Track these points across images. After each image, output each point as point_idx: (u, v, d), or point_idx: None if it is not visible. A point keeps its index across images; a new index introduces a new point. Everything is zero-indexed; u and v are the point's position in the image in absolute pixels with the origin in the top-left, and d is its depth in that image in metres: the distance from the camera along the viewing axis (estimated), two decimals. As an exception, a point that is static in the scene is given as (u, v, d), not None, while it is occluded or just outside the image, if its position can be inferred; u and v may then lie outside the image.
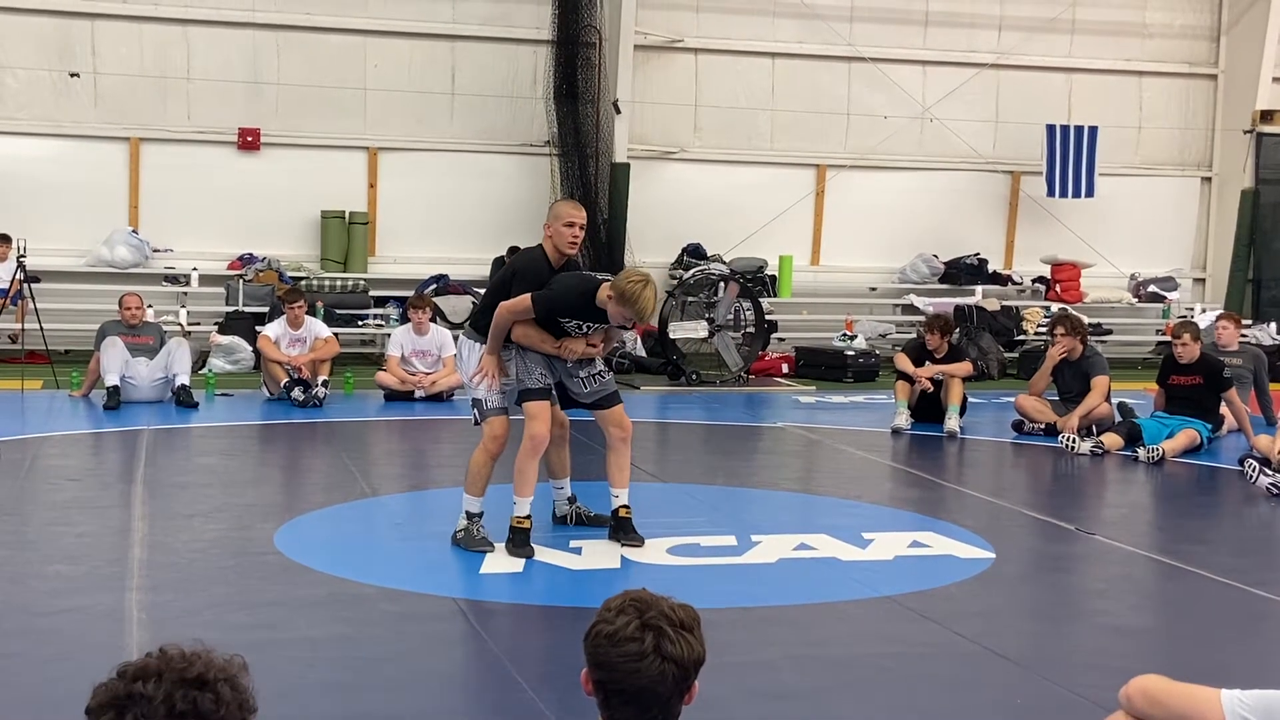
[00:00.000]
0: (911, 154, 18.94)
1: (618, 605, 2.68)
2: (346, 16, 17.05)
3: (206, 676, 2.20)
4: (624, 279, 6.75)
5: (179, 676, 2.18)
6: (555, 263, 7.15)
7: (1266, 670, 5.32)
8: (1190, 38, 19.77)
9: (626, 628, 2.62)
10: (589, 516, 7.59)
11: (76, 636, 5.45)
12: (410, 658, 5.31)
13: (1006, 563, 7.23)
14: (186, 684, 2.18)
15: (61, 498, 8.29)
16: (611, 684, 2.64)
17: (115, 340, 12.33)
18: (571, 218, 7.14)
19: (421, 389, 13.01)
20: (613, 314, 6.83)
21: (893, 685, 5.26)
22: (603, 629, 2.64)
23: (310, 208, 16.94)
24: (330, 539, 7.48)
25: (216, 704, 2.18)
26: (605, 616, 2.67)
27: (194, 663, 2.21)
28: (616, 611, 2.66)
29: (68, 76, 16.40)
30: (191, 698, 2.17)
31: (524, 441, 6.99)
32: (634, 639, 2.61)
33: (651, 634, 2.61)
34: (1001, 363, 17.07)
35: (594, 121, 17.19)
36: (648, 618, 2.63)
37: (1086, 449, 10.77)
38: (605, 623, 2.65)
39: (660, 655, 2.61)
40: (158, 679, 2.18)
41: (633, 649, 2.60)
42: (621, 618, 2.64)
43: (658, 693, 2.63)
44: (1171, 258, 19.98)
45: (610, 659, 2.62)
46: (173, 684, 2.17)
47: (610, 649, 2.62)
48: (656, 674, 2.61)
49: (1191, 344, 11.21)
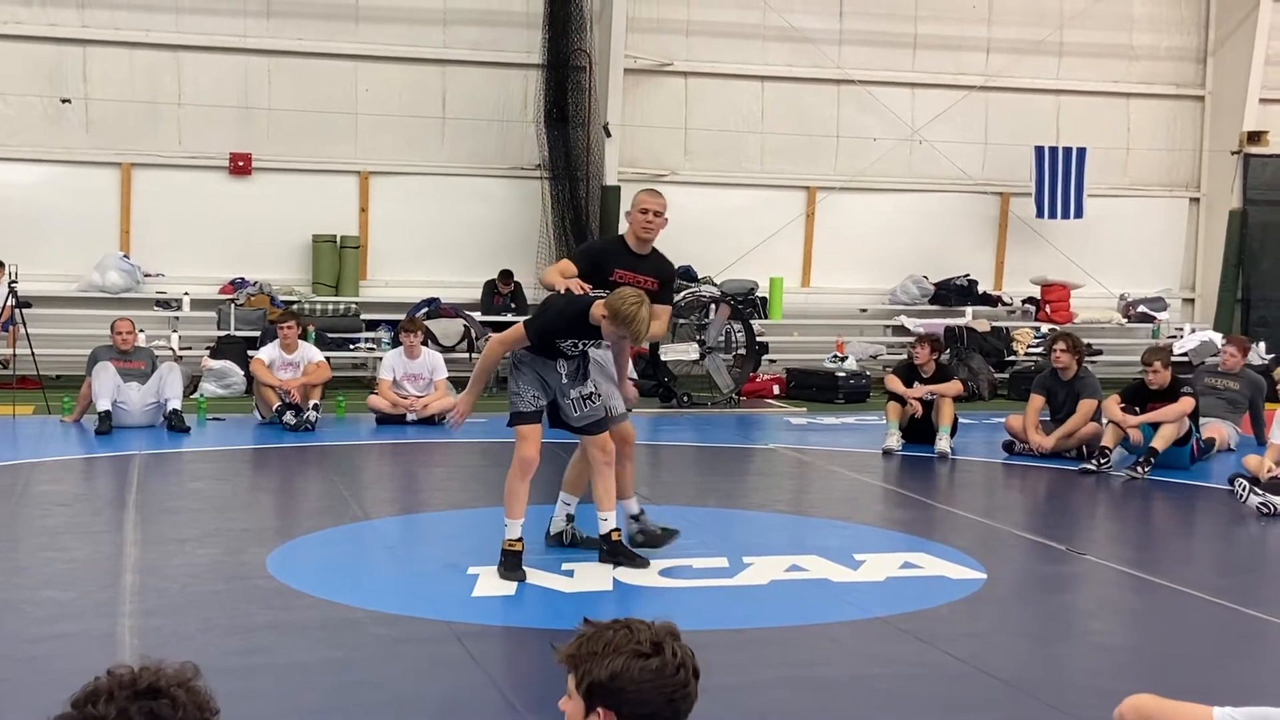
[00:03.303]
0: (901, 176, 19.01)
1: (649, 639, 2.57)
2: (337, 41, 17.10)
3: (158, 685, 2.19)
4: (618, 299, 6.73)
5: (130, 691, 2.17)
6: (636, 248, 7.32)
7: (1258, 689, 5.33)
8: (1177, 59, 19.89)
9: (673, 660, 2.54)
10: (582, 539, 7.59)
11: (69, 662, 5.44)
12: (403, 682, 5.31)
13: (998, 583, 7.24)
14: (139, 696, 2.17)
15: (53, 523, 8.27)
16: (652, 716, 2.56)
17: (107, 365, 12.32)
18: (645, 204, 7.32)
19: (413, 412, 13.01)
20: (606, 333, 6.84)
21: (885, 706, 5.26)
22: (644, 664, 2.53)
23: (302, 232, 16.96)
24: (323, 563, 7.47)
25: (174, 708, 2.17)
26: (639, 650, 2.54)
27: (143, 675, 2.20)
28: (651, 645, 2.55)
29: (59, 102, 16.41)
30: (147, 708, 2.16)
31: (514, 464, 6.98)
32: (679, 667, 2.55)
33: (676, 658, 2.58)
34: (992, 383, 17.10)
35: (584, 145, 17.24)
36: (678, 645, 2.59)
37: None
38: (639, 657, 2.54)
39: (693, 674, 2.60)
40: (109, 697, 2.17)
41: (681, 678, 2.56)
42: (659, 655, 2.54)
43: (685, 712, 2.62)
44: (1161, 278, 20.04)
45: (662, 693, 2.54)
46: (126, 699, 2.16)
47: (663, 682, 2.53)
48: (694, 695, 2.60)
49: (1163, 371, 11.05)
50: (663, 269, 7.48)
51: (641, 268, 7.36)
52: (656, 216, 7.33)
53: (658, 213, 7.34)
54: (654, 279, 7.35)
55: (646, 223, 7.31)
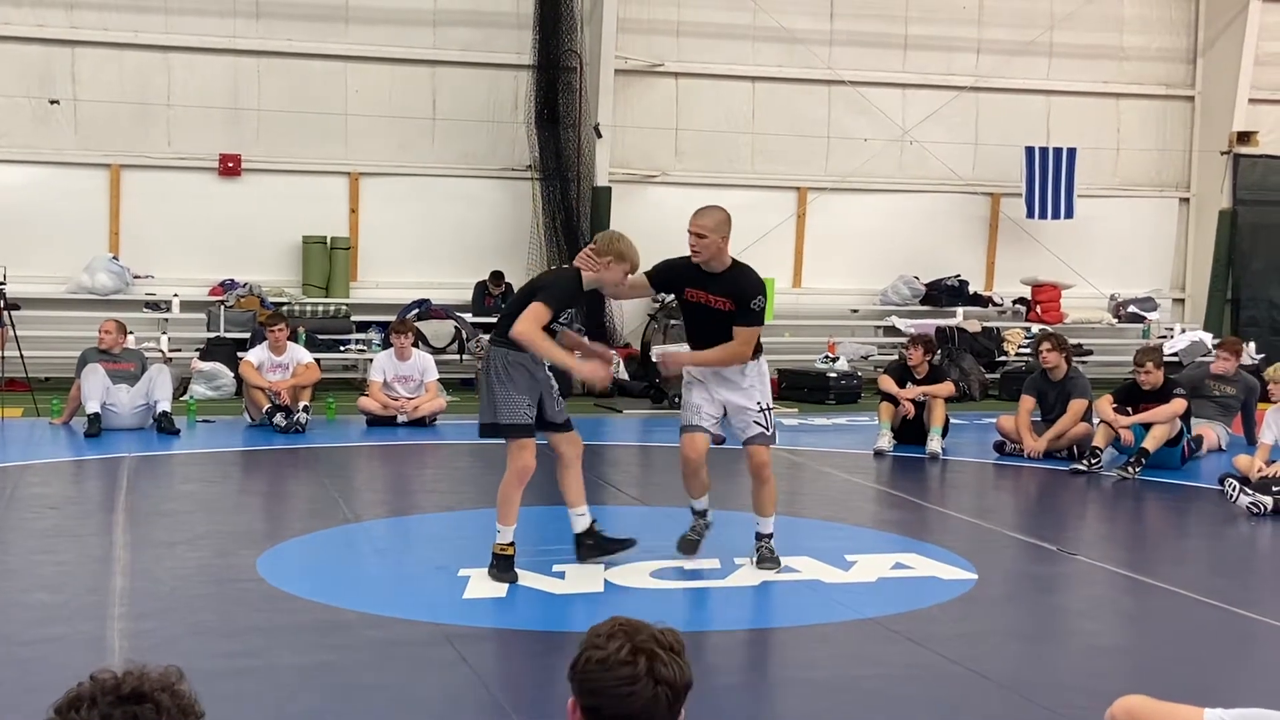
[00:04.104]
0: (892, 176, 19.02)
1: (606, 631, 2.63)
2: (327, 42, 17.07)
3: (142, 689, 2.17)
4: (607, 241, 7.01)
5: (114, 696, 2.15)
6: (705, 267, 7.15)
7: (1249, 689, 5.34)
8: (1167, 60, 19.92)
9: (619, 652, 2.57)
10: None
11: (58, 665, 5.41)
12: (394, 684, 5.29)
13: (989, 584, 7.24)
14: (123, 700, 2.15)
15: (42, 526, 8.24)
16: (605, 710, 2.58)
17: (96, 367, 12.28)
18: (690, 223, 7.14)
19: (404, 414, 12.98)
20: (612, 275, 6.93)
21: (876, 708, 5.25)
22: (593, 655, 2.59)
23: (292, 233, 16.92)
24: (313, 565, 7.45)
25: (157, 712, 2.15)
26: (595, 642, 2.61)
27: (126, 680, 2.18)
28: (606, 637, 2.61)
29: (48, 104, 16.37)
30: (131, 713, 2.14)
31: (512, 473, 6.88)
32: (627, 663, 2.56)
33: (644, 658, 2.57)
34: (983, 384, 17.12)
35: (575, 146, 17.22)
36: (638, 641, 2.59)
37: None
38: (595, 649, 2.59)
39: (654, 679, 2.58)
40: (91, 703, 2.15)
41: (626, 673, 2.56)
42: (612, 643, 2.59)
43: (652, 717, 2.61)
44: (1151, 278, 20.07)
45: (603, 685, 2.57)
46: (109, 705, 2.14)
47: (603, 675, 2.57)
48: (650, 698, 2.58)
49: (1155, 371, 11.07)
50: (738, 289, 7.05)
51: (713, 287, 7.10)
52: (696, 237, 7.08)
53: (695, 233, 7.09)
54: (728, 300, 7.06)
55: (691, 243, 7.12)
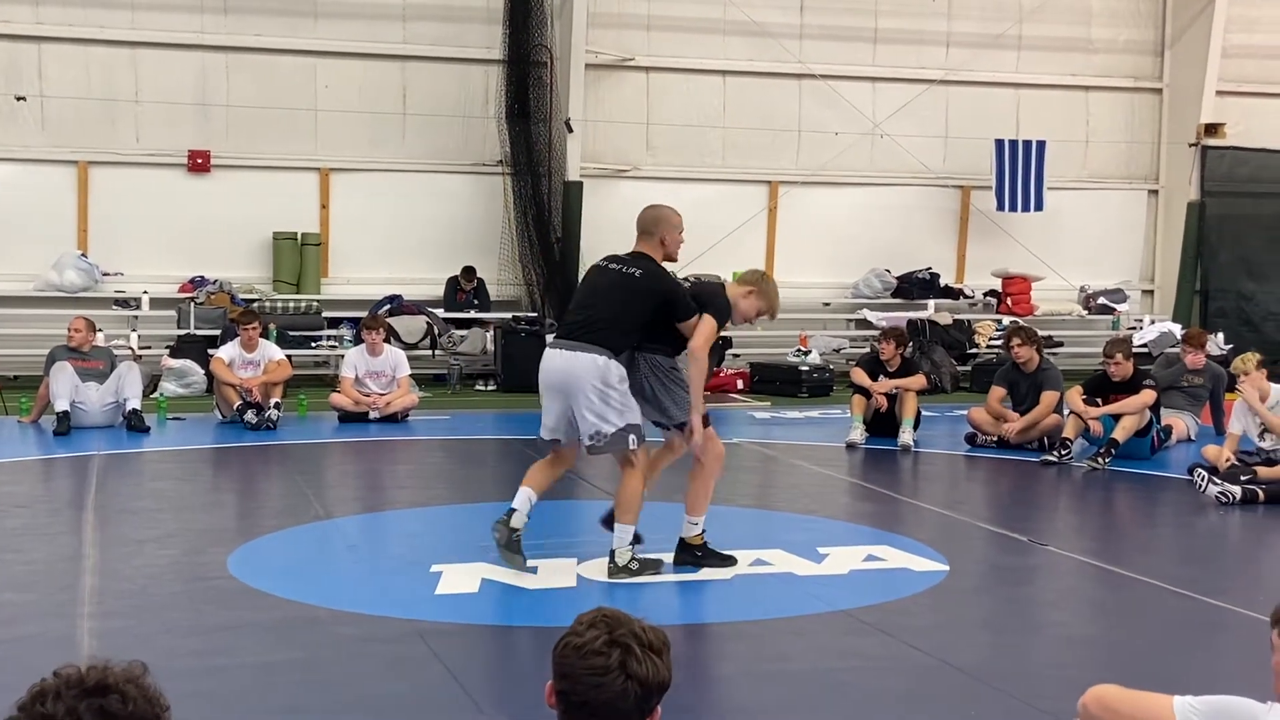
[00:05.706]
0: (863, 170, 19.05)
1: (589, 619, 2.70)
2: (296, 37, 16.98)
3: (106, 682, 2.18)
4: (756, 276, 7.21)
5: (79, 690, 2.16)
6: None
7: (1219, 677, 5.37)
8: (1135, 53, 20.02)
9: (595, 642, 2.63)
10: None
11: (27, 665, 5.32)
12: (366, 681, 5.28)
13: (961, 575, 7.27)
14: (89, 693, 2.16)
15: (11, 525, 8.18)
16: (574, 695, 2.65)
17: (65, 365, 12.20)
18: (682, 226, 7.09)
19: (376, 410, 12.94)
20: (747, 309, 7.01)
21: (849, 699, 5.27)
22: (572, 641, 2.66)
23: (262, 229, 16.84)
24: (284, 563, 7.42)
25: (124, 703, 2.16)
26: (576, 629, 2.69)
27: (91, 674, 2.19)
28: (588, 625, 2.68)
29: (14, 100, 16.23)
30: (97, 705, 2.15)
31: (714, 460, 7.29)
32: (600, 653, 2.62)
33: (618, 650, 2.63)
34: (954, 376, 17.18)
35: (546, 140, 17.19)
36: (617, 634, 2.65)
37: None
38: (575, 635, 2.67)
39: (624, 673, 2.62)
40: (56, 696, 2.16)
41: (598, 663, 2.62)
42: (591, 631, 2.66)
43: (618, 709, 2.63)
44: (1120, 270, 20.17)
45: (575, 671, 2.63)
46: (74, 698, 2.15)
47: (576, 661, 2.63)
48: (619, 690, 2.62)
49: (1125, 363, 11.13)
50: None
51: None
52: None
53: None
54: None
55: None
